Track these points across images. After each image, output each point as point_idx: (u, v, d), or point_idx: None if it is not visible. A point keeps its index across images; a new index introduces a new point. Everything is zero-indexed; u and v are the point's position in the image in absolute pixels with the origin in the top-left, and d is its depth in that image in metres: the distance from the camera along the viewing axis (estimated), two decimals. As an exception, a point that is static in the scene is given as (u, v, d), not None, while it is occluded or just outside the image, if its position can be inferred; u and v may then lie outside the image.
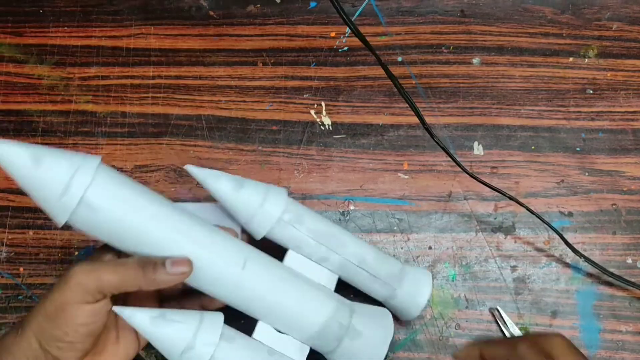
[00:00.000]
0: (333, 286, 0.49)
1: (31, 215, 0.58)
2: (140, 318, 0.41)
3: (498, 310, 0.54)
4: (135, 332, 0.45)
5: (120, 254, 0.43)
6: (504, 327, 0.54)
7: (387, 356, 0.47)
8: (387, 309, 0.51)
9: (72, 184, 0.39)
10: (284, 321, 0.45)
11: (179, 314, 0.42)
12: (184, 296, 0.48)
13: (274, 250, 0.48)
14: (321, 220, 0.49)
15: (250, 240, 0.48)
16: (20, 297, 0.56)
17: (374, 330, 0.47)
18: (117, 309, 0.41)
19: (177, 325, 0.41)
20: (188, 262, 0.41)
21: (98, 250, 0.45)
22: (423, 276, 0.51)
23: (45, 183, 0.39)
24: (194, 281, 0.43)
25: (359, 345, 0.46)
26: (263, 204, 0.46)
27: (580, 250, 0.55)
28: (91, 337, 0.41)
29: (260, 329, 0.46)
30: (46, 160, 0.39)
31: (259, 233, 0.47)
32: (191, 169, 0.46)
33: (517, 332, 0.53)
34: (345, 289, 0.50)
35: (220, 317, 0.43)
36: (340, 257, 0.49)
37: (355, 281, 0.50)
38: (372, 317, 0.48)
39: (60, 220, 0.40)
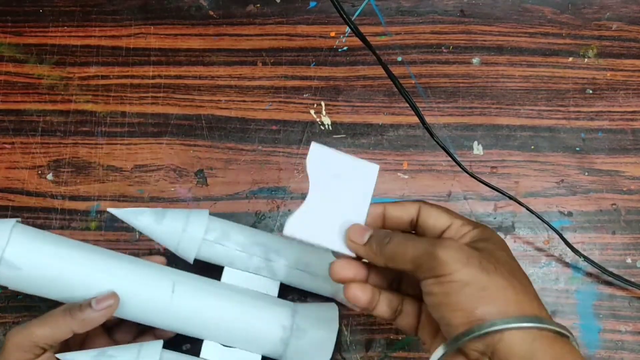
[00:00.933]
0: (276, 292, 0.50)
1: (30, 214, 0.58)
2: None
3: None
4: None
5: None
6: None
7: (338, 347, 0.48)
8: (337, 302, 0.52)
9: None
10: (227, 335, 0.47)
11: (117, 349, 0.44)
12: (139, 333, 0.51)
13: (215, 270, 0.50)
14: (248, 233, 0.50)
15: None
16: (19, 297, 0.56)
17: (318, 326, 0.48)
18: (59, 355, 0.43)
19: None
20: (113, 296, 0.43)
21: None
22: None
23: None
24: (126, 313, 0.45)
25: (307, 343, 0.47)
26: (185, 229, 0.48)
27: (579, 249, 0.55)
28: None
29: (206, 348, 0.47)
30: None
31: (190, 257, 0.49)
32: (112, 211, 0.48)
33: None
34: (291, 291, 0.52)
35: (158, 344, 0.45)
36: (275, 264, 0.50)
37: (297, 283, 0.51)
38: (317, 313, 0.49)
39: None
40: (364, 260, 0.40)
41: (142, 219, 0.48)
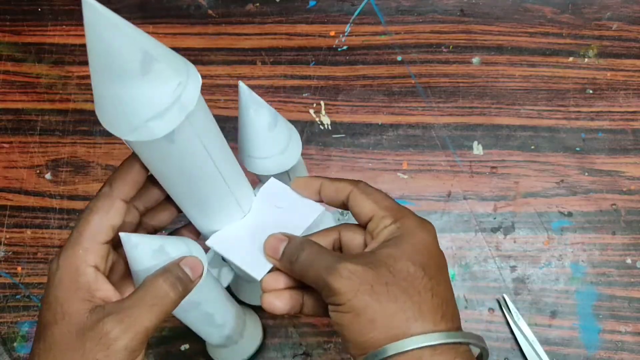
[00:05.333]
0: None
1: (29, 214, 0.58)
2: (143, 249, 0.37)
3: (504, 298, 0.54)
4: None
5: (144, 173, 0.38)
6: (509, 315, 0.54)
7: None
8: None
9: (167, 113, 0.31)
10: None
11: (169, 243, 0.38)
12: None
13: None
14: None
15: None
16: (18, 297, 0.56)
17: None
18: (122, 234, 0.36)
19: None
20: (196, 262, 0.37)
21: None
22: None
23: (140, 97, 0.30)
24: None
25: None
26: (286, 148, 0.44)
27: (579, 250, 0.55)
28: None
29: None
30: (156, 68, 0.31)
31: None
32: (242, 85, 0.42)
33: (522, 321, 0.53)
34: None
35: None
36: None
37: None
38: None
39: (126, 140, 0.32)
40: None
41: (259, 115, 0.43)
